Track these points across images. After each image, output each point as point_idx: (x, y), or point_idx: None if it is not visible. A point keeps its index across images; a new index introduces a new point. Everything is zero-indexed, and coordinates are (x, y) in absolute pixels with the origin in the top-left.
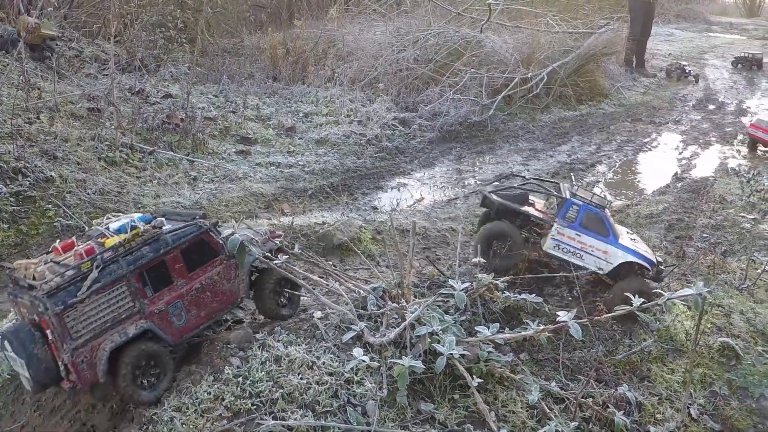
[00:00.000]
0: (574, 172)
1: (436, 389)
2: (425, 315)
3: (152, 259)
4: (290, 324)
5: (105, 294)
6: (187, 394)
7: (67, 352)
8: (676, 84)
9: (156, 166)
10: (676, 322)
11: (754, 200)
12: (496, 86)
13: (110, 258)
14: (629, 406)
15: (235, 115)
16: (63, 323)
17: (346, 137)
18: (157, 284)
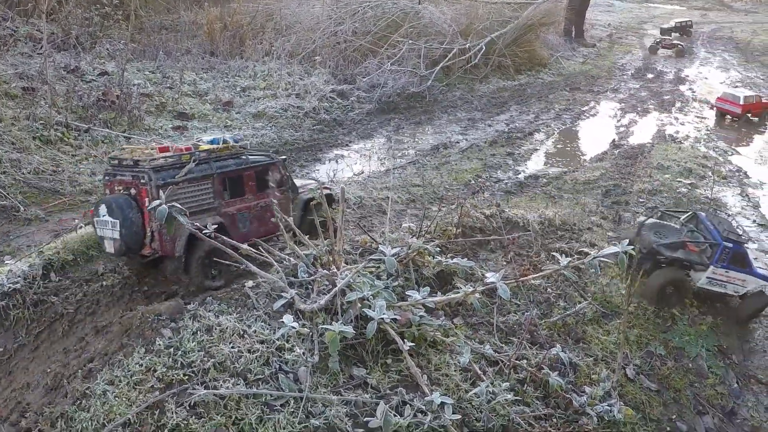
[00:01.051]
0: (511, 140)
1: (369, 354)
2: (356, 281)
3: (234, 170)
4: (222, 294)
5: (195, 184)
6: (120, 367)
7: (157, 222)
8: (614, 53)
9: (92, 143)
10: (611, 285)
11: (691, 166)
12: (435, 57)
13: (204, 158)
14: (564, 367)
15: (172, 90)
16: (158, 196)
17: (284, 110)
18: (233, 192)
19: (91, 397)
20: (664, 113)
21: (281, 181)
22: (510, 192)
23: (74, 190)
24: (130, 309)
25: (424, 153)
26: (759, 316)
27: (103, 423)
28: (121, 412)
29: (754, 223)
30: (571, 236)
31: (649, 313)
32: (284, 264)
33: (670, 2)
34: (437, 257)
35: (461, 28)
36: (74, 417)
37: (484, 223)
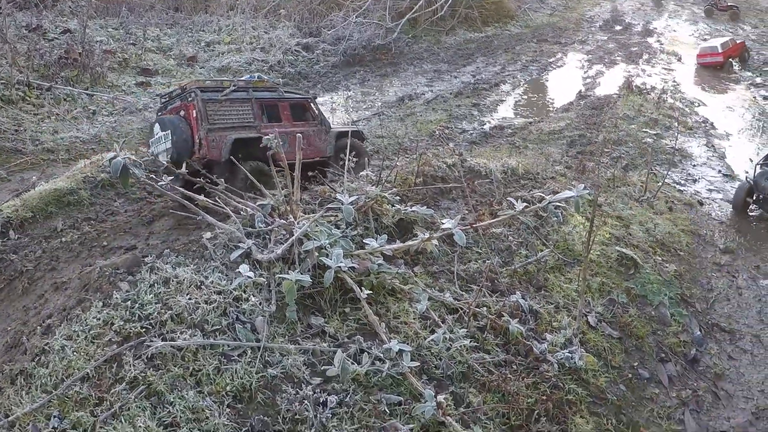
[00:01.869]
0: (477, 92)
1: (326, 303)
2: (313, 230)
3: (270, 98)
4: (179, 246)
5: (235, 105)
6: (78, 322)
7: (203, 130)
8: (583, 5)
9: (54, 102)
10: (573, 233)
11: (657, 116)
12: (401, 9)
13: (243, 87)
14: (525, 314)
15: (135, 47)
16: (205, 110)
17: (249, 64)
18: (270, 117)
19: (50, 353)
20: (632, 65)
21: (313, 115)
22: (475, 142)
23: (36, 148)
24: (89, 264)
25: (389, 105)
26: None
27: (62, 378)
28: (80, 366)
29: (720, 174)
30: (534, 185)
31: (612, 261)
32: (241, 215)
33: None
34: (396, 206)
35: None
36: (33, 373)
37: (445, 172)
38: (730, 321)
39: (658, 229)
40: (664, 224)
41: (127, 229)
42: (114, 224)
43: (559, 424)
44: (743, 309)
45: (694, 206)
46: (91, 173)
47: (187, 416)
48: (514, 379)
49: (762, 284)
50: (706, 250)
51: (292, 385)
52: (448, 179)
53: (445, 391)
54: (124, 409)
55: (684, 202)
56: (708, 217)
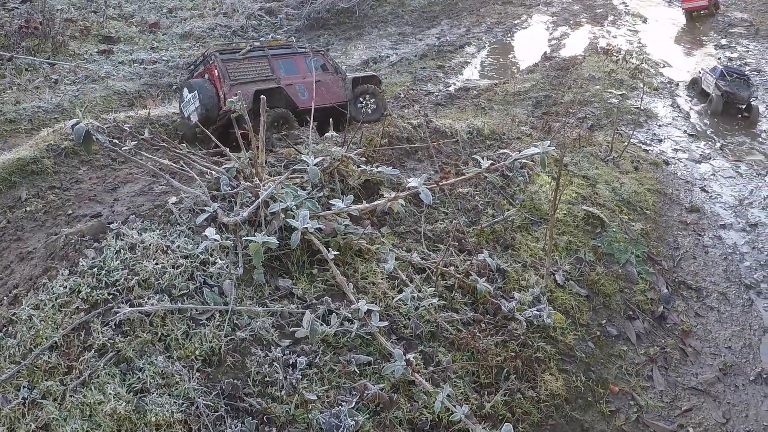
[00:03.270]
0: (442, 54)
1: (294, 265)
2: (279, 192)
3: (285, 54)
4: (145, 211)
5: (253, 62)
6: (44, 291)
7: (226, 86)
8: None
9: (15, 72)
10: (540, 192)
11: (623, 77)
12: None
13: (258, 47)
14: (492, 273)
15: (97, 15)
16: (225, 68)
17: (211, 30)
18: (288, 70)
19: (18, 323)
20: (597, 26)
21: (327, 66)
22: (440, 104)
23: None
24: (54, 233)
25: (354, 68)
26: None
27: (30, 348)
28: (48, 335)
29: (685, 134)
30: (500, 145)
31: (579, 220)
32: (206, 178)
33: None
34: (362, 166)
35: None
36: (1, 344)
37: (411, 133)
38: (696, 279)
39: (624, 188)
40: (630, 184)
41: (91, 196)
42: (78, 192)
43: (529, 382)
44: (709, 267)
45: (659, 166)
46: (54, 141)
47: (156, 381)
48: (482, 338)
49: (727, 243)
50: (672, 209)
51: (262, 348)
52: (413, 140)
53: (414, 350)
54: (94, 376)
55: (650, 161)
56: (674, 176)
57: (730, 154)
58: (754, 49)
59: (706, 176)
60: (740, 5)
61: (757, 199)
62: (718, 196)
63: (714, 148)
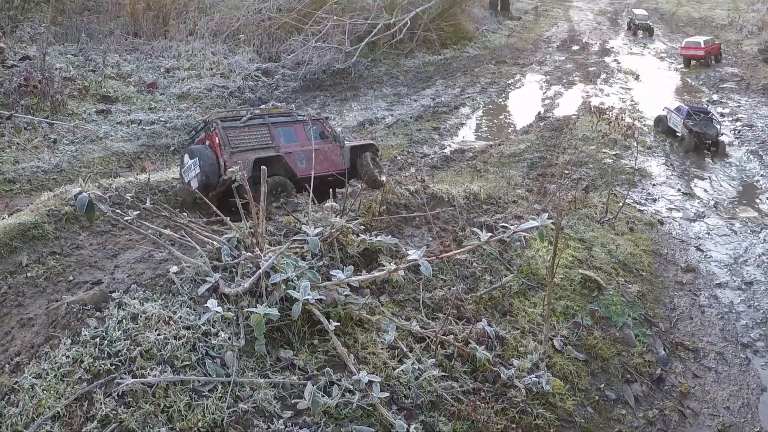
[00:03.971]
0: (437, 115)
1: (295, 336)
2: (280, 263)
3: (284, 122)
4: (146, 280)
5: (253, 130)
6: (47, 360)
7: (227, 154)
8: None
9: (14, 130)
10: (537, 257)
11: (616, 137)
12: (360, 33)
13: (258, 114)
14: (491, 340)
15: (95, 74)
16: (226, 136)
17: (209, 90)
18: (287, 139)
19: (20, 392)
20: (590, 85)
21: (326, 134)
22: (436, 167)
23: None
24: (55, 300)
25: (350, 130)
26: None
27: (32, 417)
28: (50, 405)
29: (679, 192)
30: (497, 210)
31: (575, 284)
32: (207, 248)
33: None
34: (361, 235)
35: (386, 3)
36: (3, 413)
37: (408, 199)
38: (693, 339)
39: (620, 250)
40: (625, 245)
41: (92, 263)
42: (79, 258)
43: None
44: (706, 327)
45: (654, 225)
46: (55, 206)
47: None
48: (483, 407)
49: (723, 302)
50: (668, 270)
51: (264, 420)
52: (411, 206)
53: (415, 420)
54: None
55: (645, 222)
56: (669, 236)
57: (724, 212)
58: (745, 103)
59: (701, 235)
60: (731, 60)
61: (752, 257)
62: (713, 255)
63: (708, 206)
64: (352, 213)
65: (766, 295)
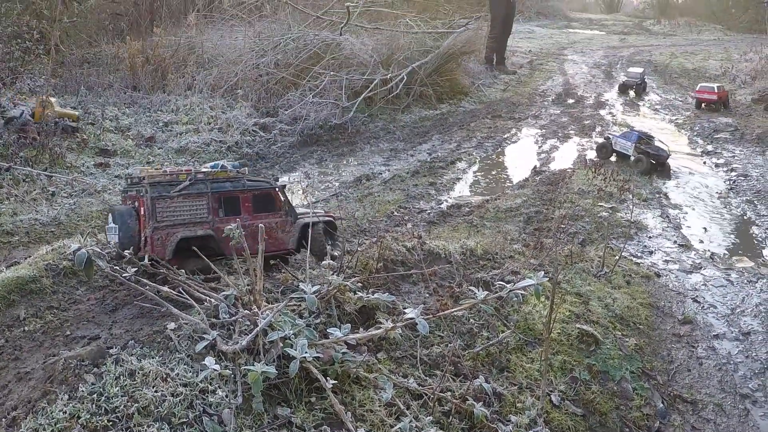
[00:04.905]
0: (434, 170)
1: (292, 394)
2: (277, 320)
3: (230, 191)
4: (144, 337)
5: (189, 200)
6: (44, 415)
7: (150, 228)
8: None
9: (13, 182)
10: (534, 312)
11: (612, 190)
12: (356, 88)
13: (200, 179)
14: (489, 396)
15: (94, 126)
16: (154, 206)
17: (207, 145)
18: (228, 211)
19: None
20: (585, 138)
21: (279, 205)
22: (433, 222)
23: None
24: (52, 354)
25: (347, 185)
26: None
27: None
28: None
29: (675, 244)
30: (493, 265)
31: (572, 339)
32: (205, 305)
33: (589, 28)
34: (358, 293)
35: (383, 59)
36: None
37: (405, 255)
38: (692, 391)
39: (617, 303)
40: (622, 298)
41: (90, 318)
42: (77, 313)
43: None
44: (704, 378)
45: (651, 278)
46: (53, 260)
47: None
48: None
49: (721, 353)
50: (665, 322)
51: None
52: (408, 263)
53: None
54: None
55: (641, 274)
56: (665, 288)
57: (720, 263)
58: (739, 153)
59: (698, 286)
60: (724, 110)
61: (749, 307)
62: (710, 306)
63: (704, 257)
64: (349, 270)
65: (763, 345)
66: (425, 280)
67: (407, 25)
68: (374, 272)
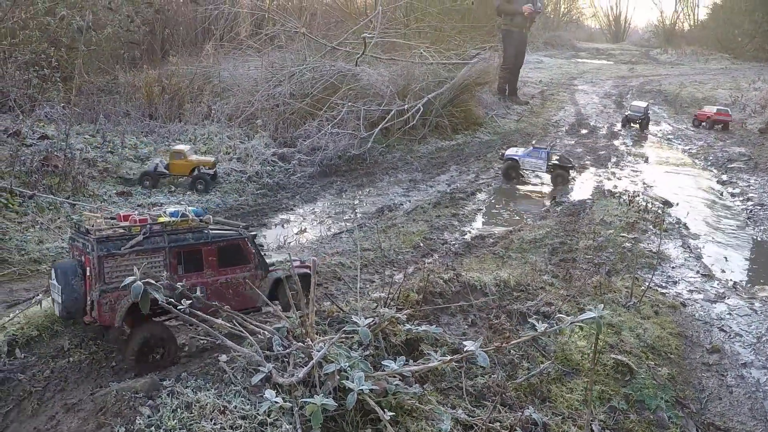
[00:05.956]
0: (455, 201)
1: (349, 425)
2: (331, 352)
3: (191, 244)
4: (197, 369)
5: (145, 256)
6: None
7: (96, 291)
8: (547, 110)
9: (37, 210)
10: (570, 343)
11: (633, 220)
12: (374, 119)
13: (157, 231)
14: (535, 427)
15: (114, 155)
16: (102, 266)
17: (227, 175)
18: (189, 266)
19: None
20: (601, 168)
21: (247, 257)
22: (458, 253)
23: (23, 258)
24: (99, 386)
25: (369, 216)
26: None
27: None
28: None
29: (698, 274)
30: (527, 297)
31: (608, 369)
32: (258, 337)
33: (597, 58)
34: (407, 325)
35: (399, 90)
36: None
37: (443, 287)
38: (724, 419)
39: (648, 333)
40: (652, 328)
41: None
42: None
43: None
44: (735, 406)
45: (677, 308)
46: None
47: None
48: None
49: (750, 381)
50: (694, 351)
51: None
52: (445, 294)
53: None
54: None
55: (668, 304)
56: (692, 318)
57: (743, 292)
58: (754, 183)
59: (723, 316)
60: (737, 140)
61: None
62: (736, 335)
63: (727, 286)
64: (392, 302)
65: None
66: (463, 311)
67: (422, 56)
68: (418, 304)
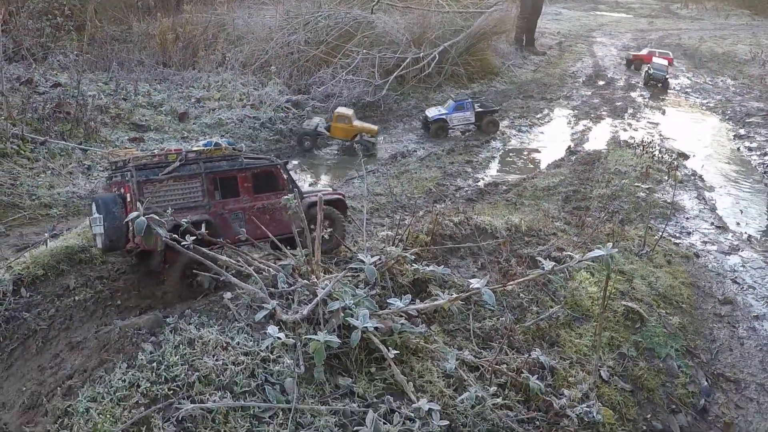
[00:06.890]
0: (468, 149)
1: (353, 363)
2: (336, 290)
3: (226, 170)
4: (201, 306)
5: (181, 182)
6: (102, 384)
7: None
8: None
9: (49, 156)
10: (581, 288)
11: (647, 170)
12: (388, 67)
13: (192, 159)
14: (542, 370)
15: (127, 102)
16: (141, 192)
17: (240, 121)
18: (226, 192)
19: (74, 415)
20: (617, 119)
21: (281, 184)
22: (471, 199)
23: (33, 203)
24: (104, 324)
25: (383, 162)
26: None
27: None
28: (106, 429)
29: (712, 226)
30: (538, 241)
31: (619, 316)
32: (263, 275)
33: (616, 10)
34: (414, 265)
35: (414, 38)
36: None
37: (453, 230)
38: (734, 370)
39: (660, 282)
40: (664, 277)
41: (140, 287)
42: (127, 283)
43: None
44: (746, 358)
45: (690, 258)
46: None
47: None
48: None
49: (761, 334)
50: (706, 302)
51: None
52: (456, 237)
53: None
54: None
55: (681, 254)
56: (705, 269)
57: (757, 245)
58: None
59: (737, 268)
60: (755, 95)
61: None
62: (749, 287)
63: (742, 239)
64: (401, 243)
65: None
66: (473, 254)
67: (438, 5)
68: (426, 245)
